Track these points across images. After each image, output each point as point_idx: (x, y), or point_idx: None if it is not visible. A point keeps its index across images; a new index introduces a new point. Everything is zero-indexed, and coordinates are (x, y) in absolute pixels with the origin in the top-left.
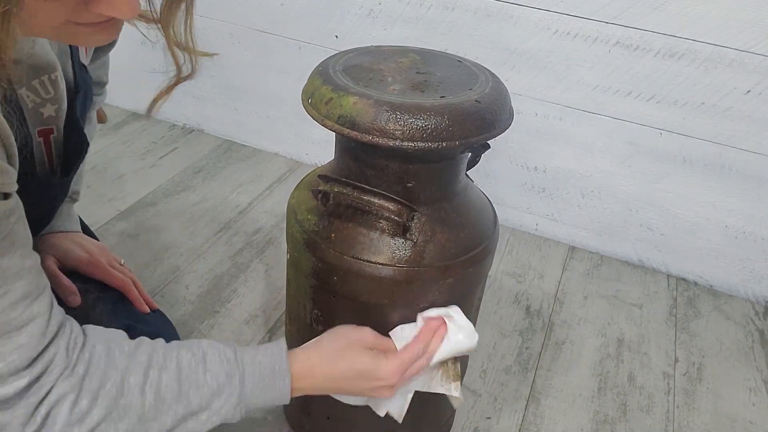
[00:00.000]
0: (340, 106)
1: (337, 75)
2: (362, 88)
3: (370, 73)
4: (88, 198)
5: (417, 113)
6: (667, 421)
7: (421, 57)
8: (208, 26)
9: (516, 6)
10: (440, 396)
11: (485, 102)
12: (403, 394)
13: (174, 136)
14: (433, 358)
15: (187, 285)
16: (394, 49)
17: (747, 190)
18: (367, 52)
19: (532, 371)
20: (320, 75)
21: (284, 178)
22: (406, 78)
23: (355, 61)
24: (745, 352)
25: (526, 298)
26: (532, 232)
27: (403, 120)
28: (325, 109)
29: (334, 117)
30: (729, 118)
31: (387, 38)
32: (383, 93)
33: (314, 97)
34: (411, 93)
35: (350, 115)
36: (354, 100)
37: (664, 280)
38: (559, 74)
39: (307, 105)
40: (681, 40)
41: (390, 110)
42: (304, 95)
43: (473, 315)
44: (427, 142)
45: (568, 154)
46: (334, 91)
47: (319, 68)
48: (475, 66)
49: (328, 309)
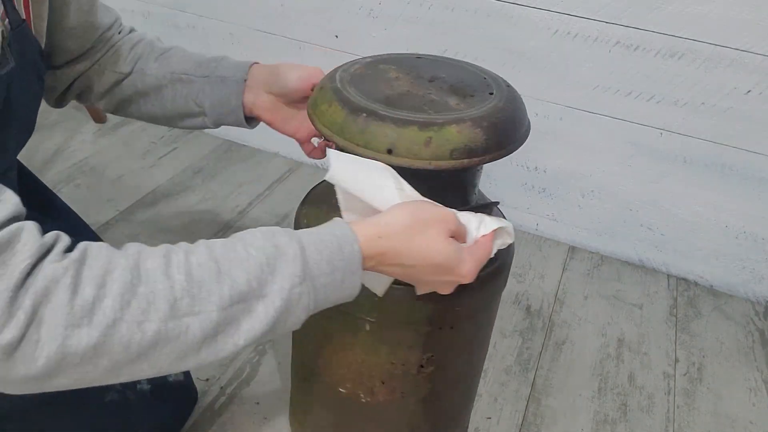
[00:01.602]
0: (446, 141)
1: (374, 104)
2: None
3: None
4: (88, 198)
5: (463, 132)
6: (668, 421)
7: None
8: (208, 26)
9: (516, 6)
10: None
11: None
12: None
13: (174, 136)
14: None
15: None
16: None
17: (747, 190)
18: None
19: (533, 371)
20: (365, 114)
21: (284, 178)
22: (432, 92)
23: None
24: (746, 352)
25: (527, 298)
26: (532, 232)
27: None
28: (428, 151)
29: (446, 154)
30: (729, 118)
31: (387, 38)
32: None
33: (404, 140)
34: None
35: (460, 145)
36: (457, 129)
37: (664, 280)
38: (559, 74)
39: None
40: (681, 40)
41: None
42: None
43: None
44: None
45: (568, 154)
46: (423, 128)
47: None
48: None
49: (349, 335)
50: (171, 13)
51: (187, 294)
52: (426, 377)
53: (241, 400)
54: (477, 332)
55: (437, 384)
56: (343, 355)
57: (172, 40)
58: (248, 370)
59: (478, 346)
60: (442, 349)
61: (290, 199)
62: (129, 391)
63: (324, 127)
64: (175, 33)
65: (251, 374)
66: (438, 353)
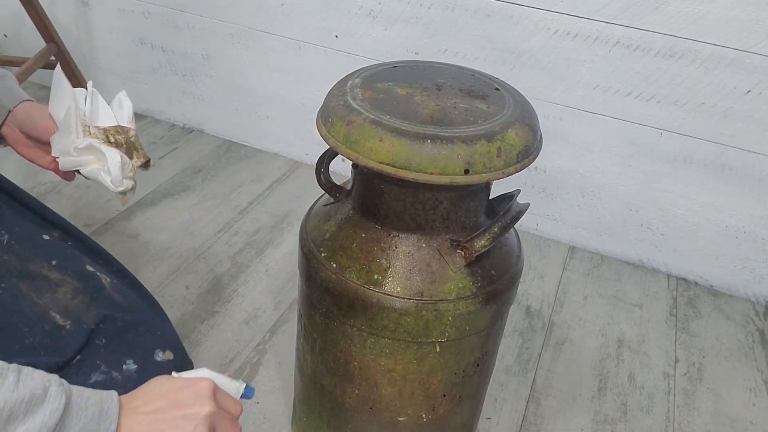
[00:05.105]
0: (511, 147)
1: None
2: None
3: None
4: (88, 198)
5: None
6: (667, 421)
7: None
8: (208, 26)
9: (516, 6)
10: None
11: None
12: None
13: (174, 136)
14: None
15: (187, 285)
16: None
17: (747, 190)
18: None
19: (532, 371)
20: (392, 133)
21: (284, 178)
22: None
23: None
24: (745, 352)
25: (527, 298)
26: (532, 232)
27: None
28: (500, 161)
29: (513, 159)
30: (729, 118)
31: (387, 38)
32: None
33: (478, 156)
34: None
35: (522, 147)
36: (514, 132)
37: (664, 280)
38: (559, 74)
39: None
40: (681, 40)
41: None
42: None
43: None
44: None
45: (568, 154)
46: (490, 140)
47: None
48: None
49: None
50: (171, 13)
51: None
52: (479, 373)
53: (241, 400)
54: (503, 314)
55: (483, 377)
56: (405, 384)
57: (173, 40)
58: (248, 370)
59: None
60: (490, 344)
61: (290, 199)
62: (114, 371)
63: (381, 163)
64: (175, 33)
65: (251, 374)
66: (488, 348)
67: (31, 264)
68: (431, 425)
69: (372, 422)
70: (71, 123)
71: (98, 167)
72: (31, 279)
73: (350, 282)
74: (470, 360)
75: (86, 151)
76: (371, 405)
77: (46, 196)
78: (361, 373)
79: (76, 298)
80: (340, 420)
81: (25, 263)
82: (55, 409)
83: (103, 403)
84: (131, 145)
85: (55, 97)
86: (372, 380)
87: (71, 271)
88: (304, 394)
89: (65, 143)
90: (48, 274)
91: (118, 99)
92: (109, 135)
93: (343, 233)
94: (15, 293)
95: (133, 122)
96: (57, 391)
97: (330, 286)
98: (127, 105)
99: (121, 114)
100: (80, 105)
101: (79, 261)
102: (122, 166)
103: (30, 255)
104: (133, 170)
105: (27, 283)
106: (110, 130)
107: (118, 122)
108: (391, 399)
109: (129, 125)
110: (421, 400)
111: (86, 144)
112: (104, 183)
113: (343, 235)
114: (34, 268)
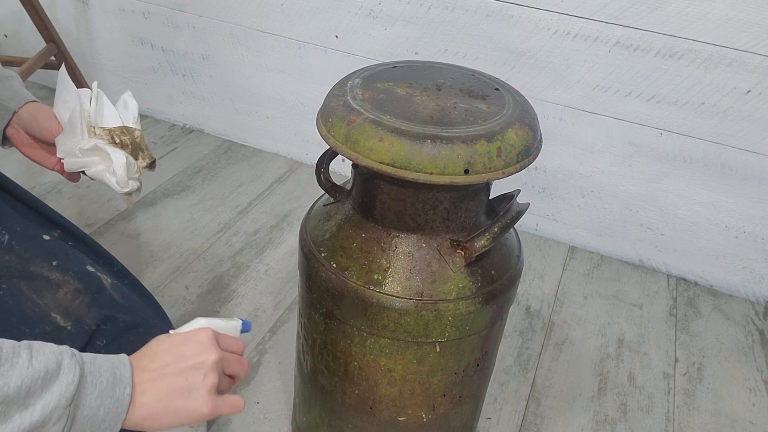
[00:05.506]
0: (511, 147)
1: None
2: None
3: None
4: (88, 198)
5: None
6: (667, 421)
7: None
8: (208, 26)
9: (516, 6)
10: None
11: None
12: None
13: (174, 136)
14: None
15: (187, 285)
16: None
17: (747, 190)
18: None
19: (532, 371)
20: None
21: (284, 178)
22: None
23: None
24: (745, 352)
25: (526, 298)
26: (532, 232)
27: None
28: (500, 161)
29: (513, 159)
30: (729, 118)
31: (387, 38)
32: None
33: (478, 156)
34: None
35: (522, 147)
36: (514, 132)
37: (664, 280)
38: (559, 74)
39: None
40: (681, 40)
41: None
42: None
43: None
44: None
45: (568, 154)
46: (490, 140)
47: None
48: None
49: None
50: (171, 13)
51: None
52: (479, 373)
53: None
54: (503, 314)
55: (483, 377)
56: (405, 384)
57: (173, 40)
58: (248, 370)
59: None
60: (490, 344)
61: (290, 199)
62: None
63: (381, 163)
64: (175, 33)
65: (251, 374)
66: (488, 348)
67: (32, 264)
68: (431, 425)
69: (372, 422)
70: (76, 124)
71: (103, 168)
72: (32, 279)
73: (350, 282)
74: (470, 360)
75: (91, 152)
76: (371, 405)
77: (46, 196)
78: (361, 373)
79: (77, 298)
80: (340, 420)
81: (26, 263)
82: (71, 380)
83: (116, 369)
84: (137, 145)
85: (60, 98)
86: (372, 380)
87: (72, 271)
88: (304, 394)
89: (70, 144)
90: (49, 274)
91: (123, 99)
92: (115, 136)
93: (343, 233)
94: (16, 294)
95: (139, 123)
96: (70, 363)
97: (330, 286)
98: (133, 105)
99: (126, 114)
100: (85, 106)
101: (79, 261)
102: (128, 167)
103: (30, 255)
104: (138, 171)
105: (28, 283)
106: (115, 130)
107: (123, 123)
108: (391, 399)
109: (134, 126)
110: (421, 400)
111: (91, 145)
112: (110, 184)
113: (343, 235)
114: (35, 269)
